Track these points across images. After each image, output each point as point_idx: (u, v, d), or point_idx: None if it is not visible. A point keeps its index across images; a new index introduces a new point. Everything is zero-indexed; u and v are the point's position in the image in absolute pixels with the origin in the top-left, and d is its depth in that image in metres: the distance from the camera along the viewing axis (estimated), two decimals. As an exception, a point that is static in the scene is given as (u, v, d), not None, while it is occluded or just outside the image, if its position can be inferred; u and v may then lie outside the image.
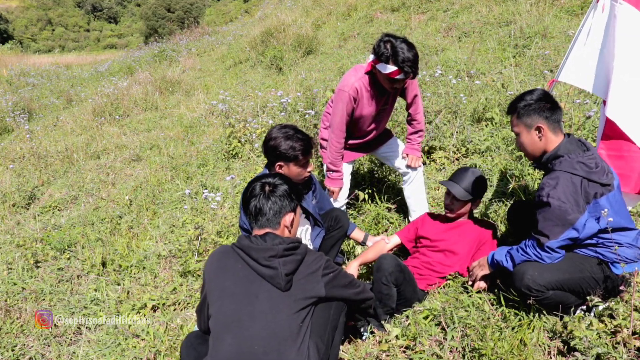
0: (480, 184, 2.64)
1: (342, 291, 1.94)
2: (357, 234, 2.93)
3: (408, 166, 3.20)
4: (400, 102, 4.30)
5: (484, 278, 2.45)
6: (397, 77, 2.67)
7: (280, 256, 1.80)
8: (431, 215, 2.88)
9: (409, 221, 3.33)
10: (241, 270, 1.82)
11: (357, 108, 2.90)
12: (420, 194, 3.26)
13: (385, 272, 2.27)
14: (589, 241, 2.12)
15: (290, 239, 1.90)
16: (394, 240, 2.86)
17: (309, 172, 2.57)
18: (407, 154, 3.21)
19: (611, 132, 2.46)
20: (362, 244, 2.94)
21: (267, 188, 1.97)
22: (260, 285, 1.79)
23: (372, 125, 3.05)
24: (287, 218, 1.96)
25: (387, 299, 2.31)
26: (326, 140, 3.06)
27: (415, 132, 3.20)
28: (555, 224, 2.05)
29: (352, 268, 2.67)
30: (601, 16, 2.51)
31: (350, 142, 3.12)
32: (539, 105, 2.18)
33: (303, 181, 2.60)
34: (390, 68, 2.64)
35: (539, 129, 2.19)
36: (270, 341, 1.71)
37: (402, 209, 3.52)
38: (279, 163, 2.46)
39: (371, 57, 2.76)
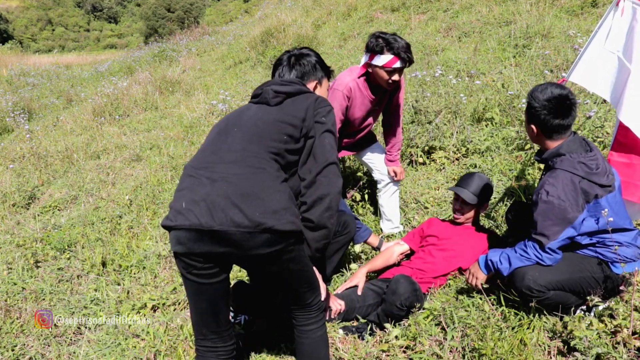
0: (487, 188, 2.71)
1: (320, 135, 1.80)
2: (372, 239, 2.91)
3: (389, 175, 3.23)
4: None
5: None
6: (395, 65, 2.70)
7: (273, 84, 1.86)
8: (438, 219, 2.91)
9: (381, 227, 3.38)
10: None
11: (350, 107, 2.92)
12: (394, 203, 3.30)
13: (401, 297, 2.27)
14: (588, 241, 2.12)
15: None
16: (403, 247, 2.87)
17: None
18: (392, 169, 3.22)
19: (623, 138, 2.39)
20: (377, 249, 2.94)
21: (292, 59, 2.00)
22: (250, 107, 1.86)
23: (361, 126, 3.09)
24: (310, 86, 1.98)
25: (397, 319, 2.34)
26: None
27: (394, 146, 3.22)
28: (554, 223, 2.05)
29: (360, 274, 2.65)
30: (620, 19, 2.39)
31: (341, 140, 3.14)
32: (541, 109, 2.13)
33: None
34: (387, 57, 2.67)
35: (532, 128, 2.22)
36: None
37: (400, 208, 3.53)
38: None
39: (364, 59, 2.79)
